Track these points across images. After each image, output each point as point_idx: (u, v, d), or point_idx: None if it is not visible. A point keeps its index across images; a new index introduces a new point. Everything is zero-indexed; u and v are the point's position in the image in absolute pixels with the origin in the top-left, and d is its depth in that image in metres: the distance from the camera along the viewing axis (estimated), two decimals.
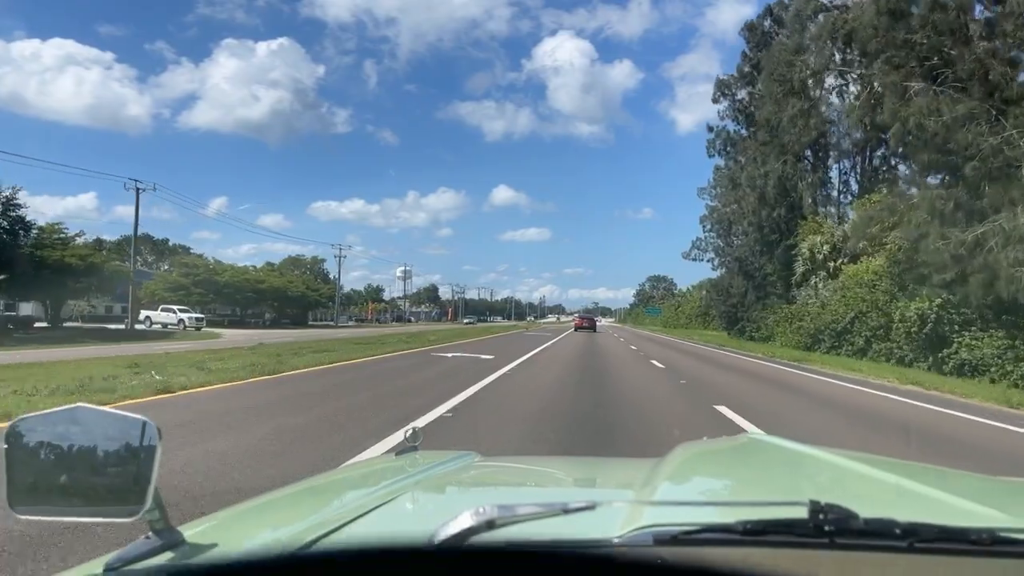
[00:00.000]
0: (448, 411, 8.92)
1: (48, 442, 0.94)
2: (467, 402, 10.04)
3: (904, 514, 0.85)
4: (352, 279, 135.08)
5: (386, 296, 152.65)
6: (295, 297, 70.73)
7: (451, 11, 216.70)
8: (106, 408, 0.97)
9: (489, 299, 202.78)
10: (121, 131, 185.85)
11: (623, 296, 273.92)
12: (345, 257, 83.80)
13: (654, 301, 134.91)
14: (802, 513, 0.84)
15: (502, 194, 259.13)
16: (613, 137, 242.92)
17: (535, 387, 12.67)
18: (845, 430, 9.37)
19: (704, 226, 56.39)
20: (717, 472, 1.69)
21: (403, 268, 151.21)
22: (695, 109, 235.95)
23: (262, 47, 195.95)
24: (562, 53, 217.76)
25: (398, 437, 3.89)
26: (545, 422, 8.45)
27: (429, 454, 1.90)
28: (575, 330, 59.50)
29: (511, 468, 2.03)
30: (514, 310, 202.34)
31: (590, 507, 0.91)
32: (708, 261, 57.19)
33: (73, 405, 0.96)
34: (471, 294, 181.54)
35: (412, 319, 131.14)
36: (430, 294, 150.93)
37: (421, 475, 1.54)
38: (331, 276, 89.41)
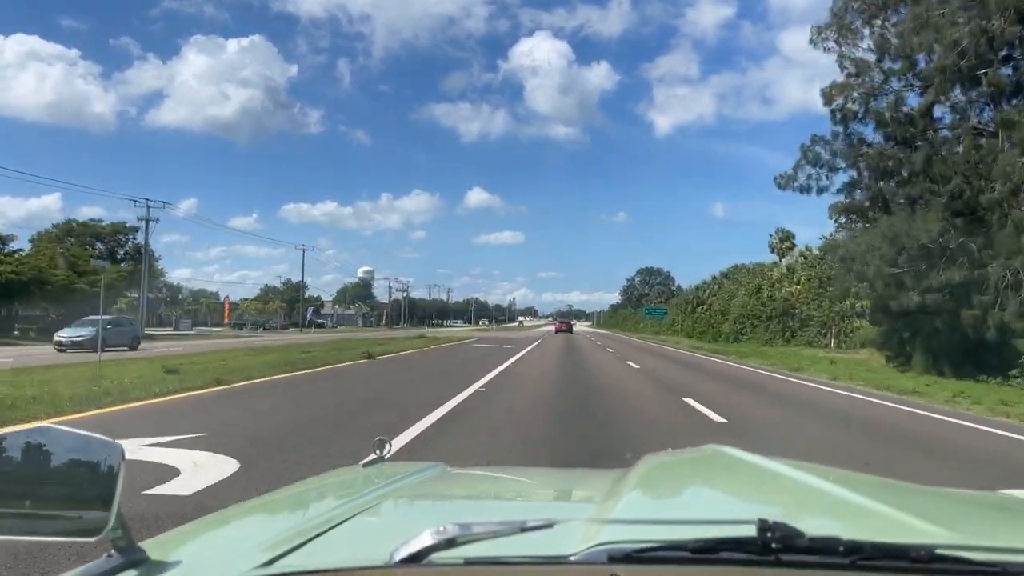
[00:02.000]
0: None
1: (12, 461, 0.94)
2: None
3: (850, 531, 0.89)
4: (324, 283, 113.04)
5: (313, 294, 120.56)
6: (14, 284, 37.44)
7: (426, 7, 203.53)
8: (73, 429, 0.98)
9: (446, 300, 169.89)
10: (84, 128, 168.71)
11: (597, 300, 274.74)
12: (157, 220, 48.19)
13: (648, 300, 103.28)
14: (751, 531, 0.86)
15: (477, 196, 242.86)
16: (589, 139, 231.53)
17: None
18: None
19: (834, 113, 23.95)
20: (677, 486, 1.67)
21: (364, 269, 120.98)
22: (672, 112, 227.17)
23: (232, 44, 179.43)
24: (539, 53, 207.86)
25: None
26: None
27: (396, 465, 1.91)
28: (555, 332, 66.40)
29: (477, 480, 2.00)
30: (475, 313, 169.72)
31: (548, 525, 0.92)
32: (839, 191, 24.69)
33: (40, 424, 0.98)
34: (419, 293, 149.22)
35: (324, 323, 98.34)
36: (360, 292, 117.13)
37: (387, 487, 1.53)
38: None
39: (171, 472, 5.59)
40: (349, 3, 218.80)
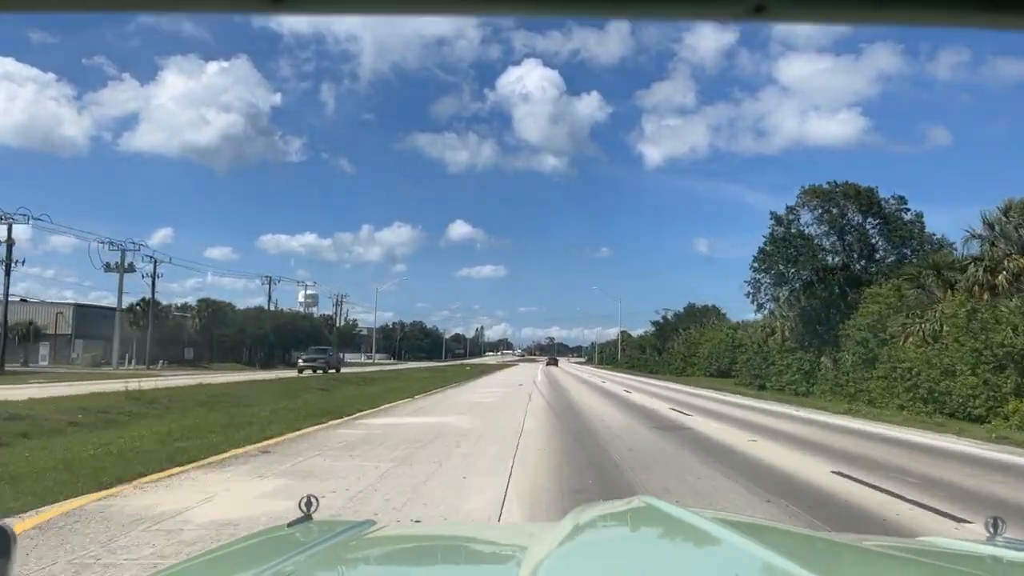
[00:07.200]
0: None
1: None
2: None
3: None
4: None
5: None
6: None
7: (416, 33, 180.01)
8: None
9: (345, 322, 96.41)
10: (53, 153, 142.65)
11: (576, 336, 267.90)
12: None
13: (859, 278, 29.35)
14: None
15: (459, 229, 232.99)
16: (576, 172, 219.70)
17: None
18: None
19: None
20: (600, 548, 1.65)
21: (305, 290, 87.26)
22: (664, 143, 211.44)
23: (212, 67, 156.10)
24: (528, 82, 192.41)
25: None
26: None
27: (324, 523, 1.84)
28: (546, 365, 78.42)
29: (404, 540, 1.94)
30: (398, 344, 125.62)
31: None
32: None
33: None
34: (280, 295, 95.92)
35: None
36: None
37: (309, 551, 1.47)
38: None
39: None
40: (335, 31, 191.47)
